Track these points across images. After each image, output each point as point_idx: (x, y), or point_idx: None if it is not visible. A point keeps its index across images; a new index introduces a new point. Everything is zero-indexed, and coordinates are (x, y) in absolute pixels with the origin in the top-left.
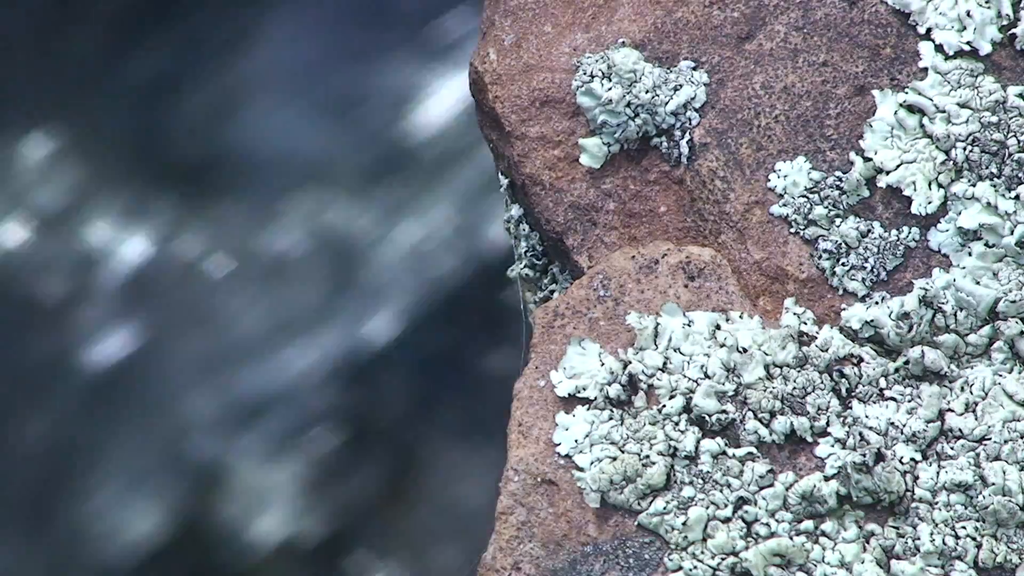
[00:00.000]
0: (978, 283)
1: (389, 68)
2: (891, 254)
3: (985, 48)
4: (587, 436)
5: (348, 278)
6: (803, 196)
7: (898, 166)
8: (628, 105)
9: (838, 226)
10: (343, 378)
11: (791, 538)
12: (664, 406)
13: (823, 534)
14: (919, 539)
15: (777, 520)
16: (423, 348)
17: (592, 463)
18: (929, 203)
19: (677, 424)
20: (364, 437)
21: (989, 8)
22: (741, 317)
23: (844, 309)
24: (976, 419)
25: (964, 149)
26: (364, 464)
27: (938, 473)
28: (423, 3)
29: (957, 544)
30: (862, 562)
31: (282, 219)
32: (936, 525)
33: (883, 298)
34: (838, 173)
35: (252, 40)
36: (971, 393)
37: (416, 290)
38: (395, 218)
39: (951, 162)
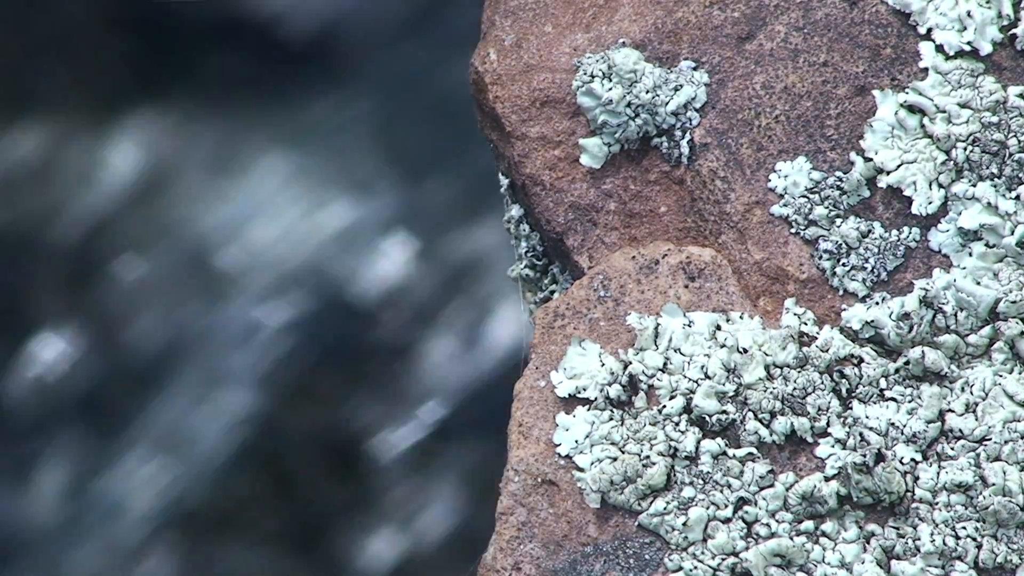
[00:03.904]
0: (978, 283)
1: None
2: (891, 254)
3: (985, 48)
4: (587, 436)
5: None
6: (803, 196)
7: (898, 166)
8: (628, 105)
9: (838, 226)
10: None
11: (791, 538)
12: (664, 406)
13: (823, 534)
14: (919, 539)
15: (777, 520)
16: None
17: (592, 463)
18: (929, 203)
19: (677, 424)
20: None
21: (989, 8)
22: (741, 318)
23: (844, 309)
24: (976, 419)
25: (964, 149)
26: None
27: (938, 473)
28: None
29: (957, 544)
30: (862, 562)
31: None
32: (936, 525)
33: (883, 298)
34: (838, 173)
35: None
36: (971, 394)
37: None
38: None
39: (951, 162)
